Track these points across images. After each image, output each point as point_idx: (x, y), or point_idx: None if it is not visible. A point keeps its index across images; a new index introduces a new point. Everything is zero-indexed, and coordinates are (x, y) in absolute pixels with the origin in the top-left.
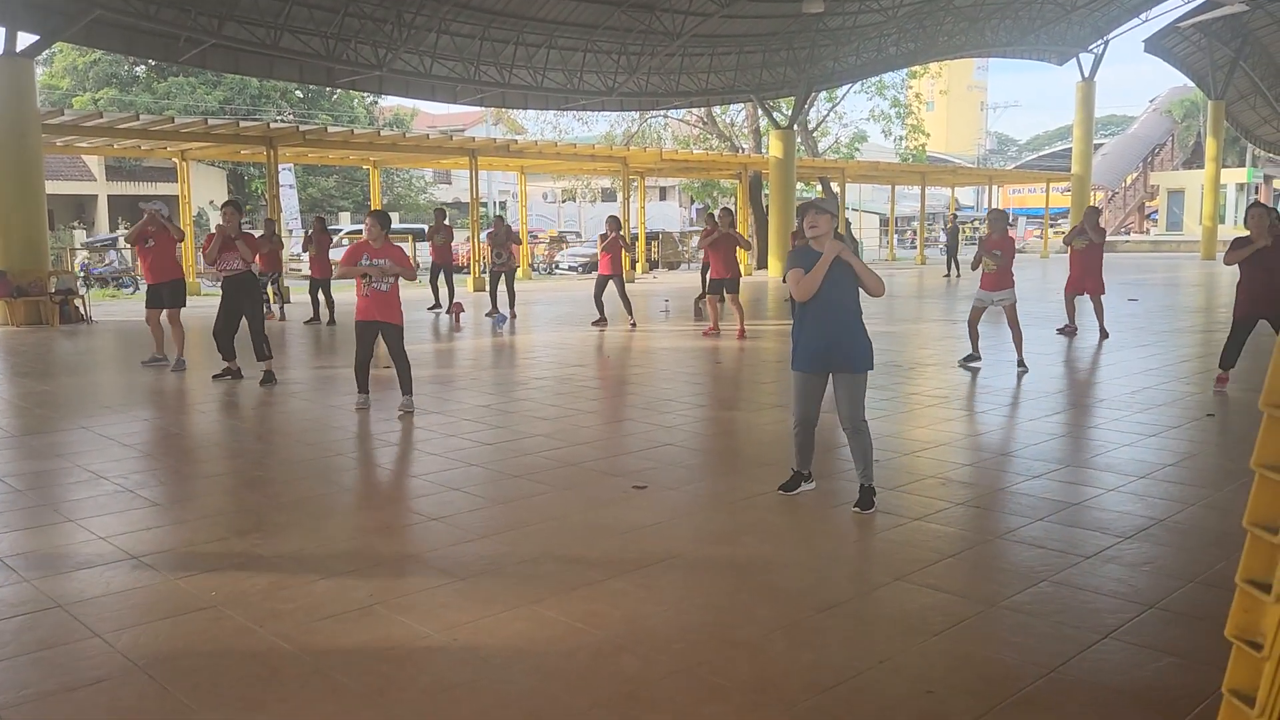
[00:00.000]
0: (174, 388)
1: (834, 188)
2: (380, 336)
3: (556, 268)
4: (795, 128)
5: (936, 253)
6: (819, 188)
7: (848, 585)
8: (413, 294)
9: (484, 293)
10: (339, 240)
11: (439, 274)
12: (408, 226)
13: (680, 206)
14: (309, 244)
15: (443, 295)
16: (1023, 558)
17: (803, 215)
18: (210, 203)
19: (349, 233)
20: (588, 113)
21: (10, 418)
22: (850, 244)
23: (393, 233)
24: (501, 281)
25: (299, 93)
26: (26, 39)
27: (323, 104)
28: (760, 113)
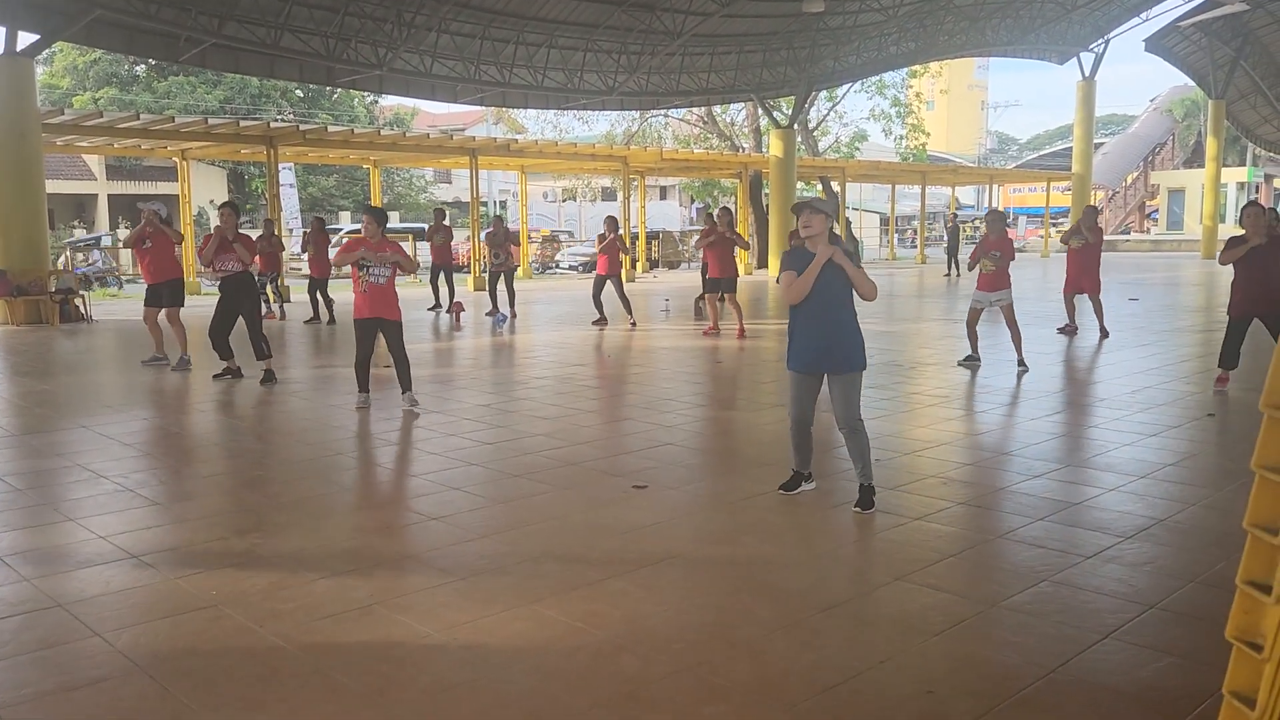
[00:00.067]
0: (174, 387)
1: (834, 187)
2: (380, 334)
3: (556, 267)
4: (795, 127)
5: (941, 251)
6: (819, 187)
7: (848, 585)
8: (413, 294)
9: (484, 292)
10: (338, 240)
11: (439, 274)
12: (408, 226)
13: (680, 206)
14: (307, 244)
15: (443, 295)
16: (1023, 557)
17: (798, 215)
18: (210, 202)
19: (349, 232)
20: (588, 112)
21: (10, 417)
22: (850, 244)
23: (393, 232)
24: (501, 281)
25: (299, 92)
26: (27, 38)
27: (323, 103)
28: (760, 112)
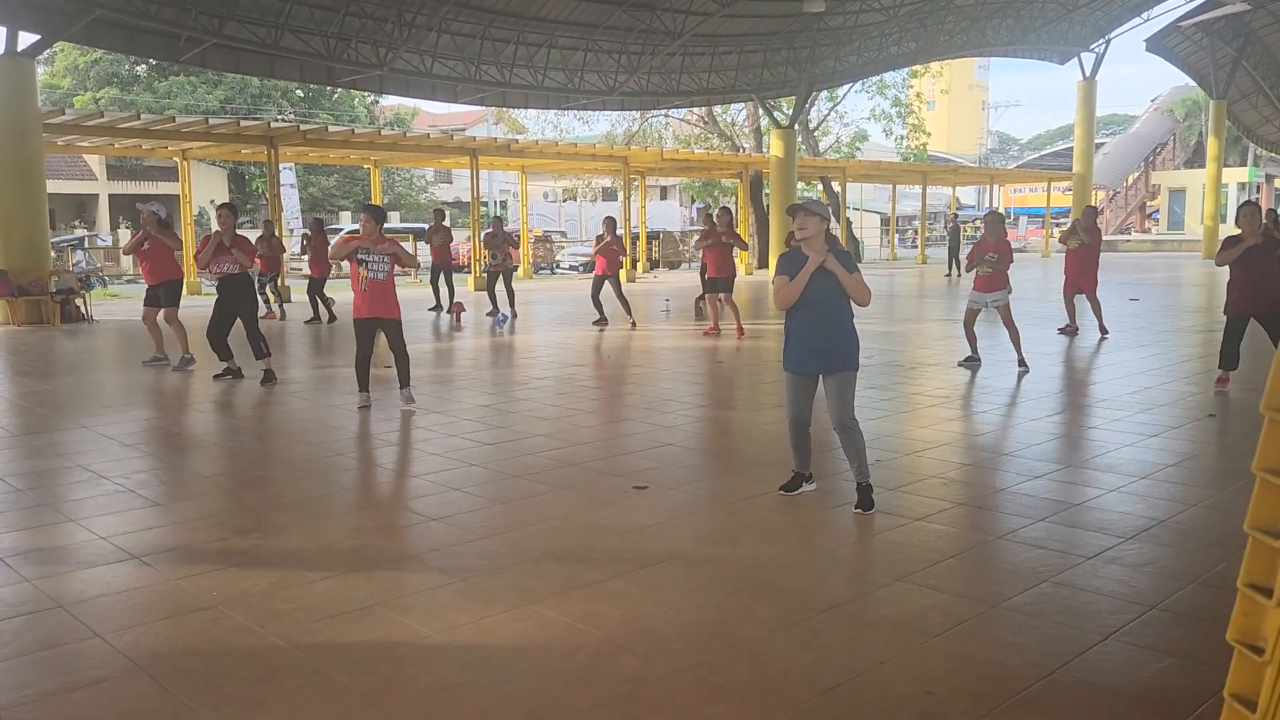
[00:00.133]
0: (174, 387)
1: (835, 187)
2: (380, 334)
3: (553, 268)
4: (796, 127)
5: (945, 251)
6: (820, 187)
7: (848, 586)
8: (413, 294)
9: (484, 292)
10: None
11: (439, 275)
12: (408, 226)
13: (681, 206)
14: (306, 247)
15: (443, 296)
16: (1023, 558)
17: (793, 217)
18: (211, 202)
19: (349, 232)
20: (589, 112)
21: (11, 417)
22: (850, 245)
23: (394, 232)
24: (500, 281)
25: (300, 92)
26: (28, 39)
27: (323, 103)
28: (761, 112)
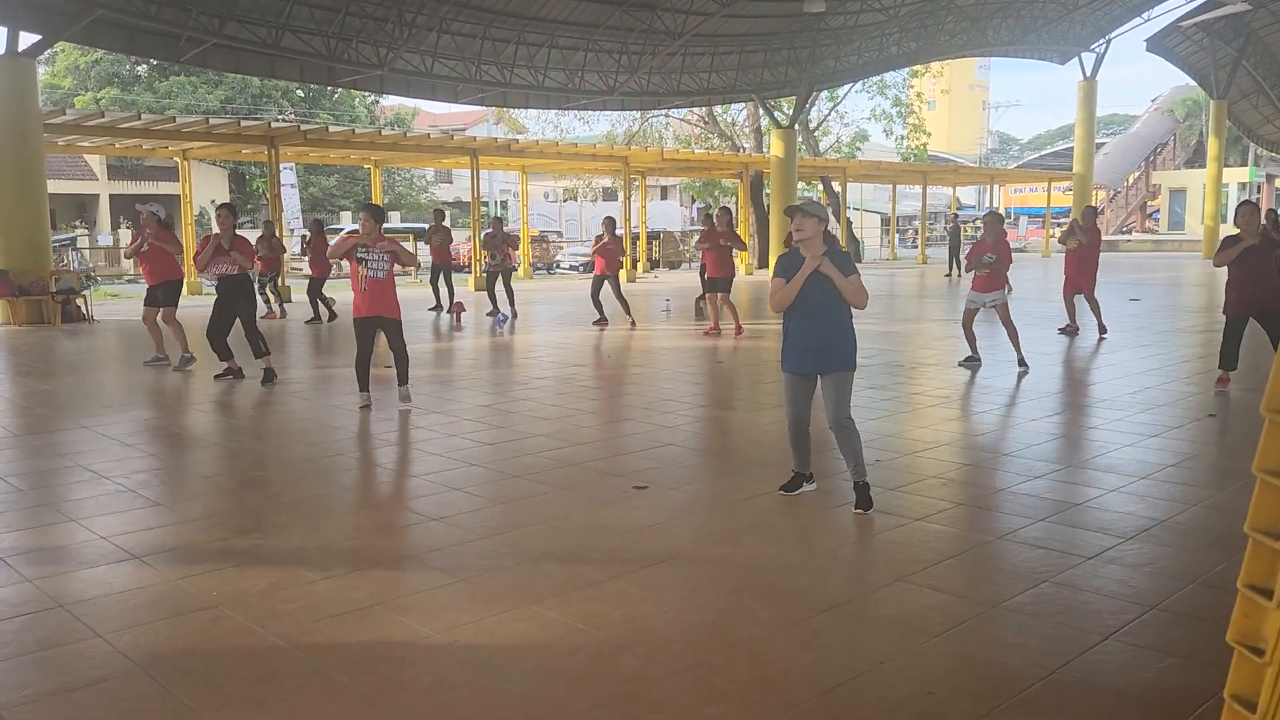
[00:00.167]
0: (175, 387)
1: (835, 187)
2: (380, 334)
3: (552, 269)
4: (796, 127)
5: (945, 251)
6: (820, 187)
7: (848, 586)
8: (413, 294)
9: (484, 292)
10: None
11: (439, 275)
12: (408, 226)
13: (681, 206)
14: (306, 248)
15: (443, 296)
16: (1024, 559)
17: (791, 218)
18: (211, 202)
19: (349, 232)
20: (589, 112)
21: (12, 417)
22: (851, 245)
23: (394, 232)
24: (499, 281)
25: (300, 92)
26: (28, 39)
27: (324, 103)
28: (761, 112)
